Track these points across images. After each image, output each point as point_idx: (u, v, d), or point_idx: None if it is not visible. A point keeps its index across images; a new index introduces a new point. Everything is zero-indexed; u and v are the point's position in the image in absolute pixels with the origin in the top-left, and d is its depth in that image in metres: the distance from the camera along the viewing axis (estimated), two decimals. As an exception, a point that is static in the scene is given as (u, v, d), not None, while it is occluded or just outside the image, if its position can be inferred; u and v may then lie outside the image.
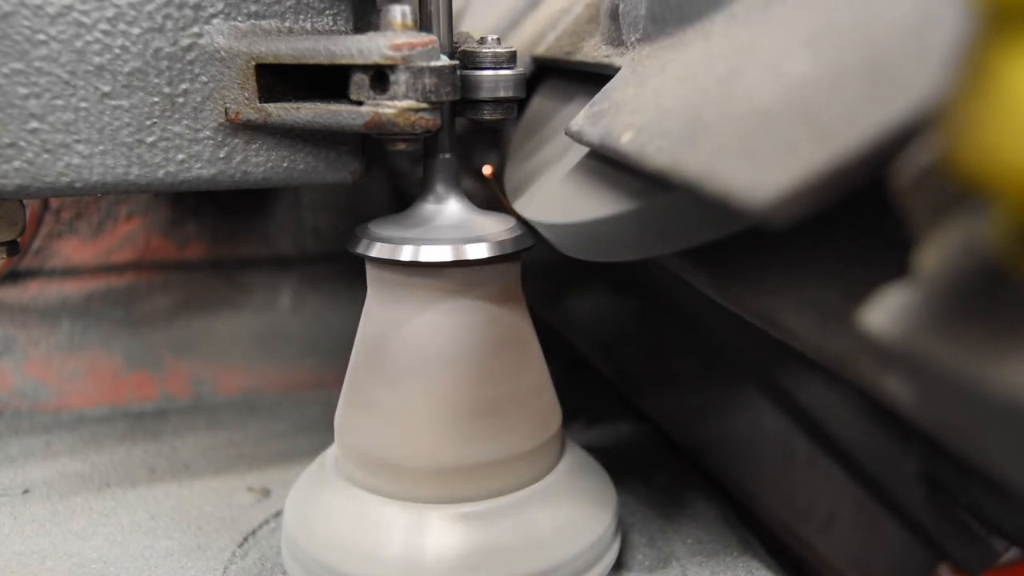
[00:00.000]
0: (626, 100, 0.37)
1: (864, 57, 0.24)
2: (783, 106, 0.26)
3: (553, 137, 0.49)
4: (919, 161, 0.20)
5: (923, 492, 0.50)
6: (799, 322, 0.31)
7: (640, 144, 0.32)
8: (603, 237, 0.37)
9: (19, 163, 0.38)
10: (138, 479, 0.58)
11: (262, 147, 0.42)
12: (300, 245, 0.75)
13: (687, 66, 0.34)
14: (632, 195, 0.35)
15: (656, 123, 0.32)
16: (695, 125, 0.29)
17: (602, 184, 0.38)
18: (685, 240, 0.34)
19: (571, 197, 0.40)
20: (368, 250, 0.41)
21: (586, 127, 0.38)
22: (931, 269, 0.20)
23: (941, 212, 0.21)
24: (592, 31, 0.49)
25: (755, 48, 0.30)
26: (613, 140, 0.34)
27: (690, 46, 0.36)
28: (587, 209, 0.37)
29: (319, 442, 0.59)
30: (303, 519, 0.44)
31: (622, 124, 0.35)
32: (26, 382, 0.68)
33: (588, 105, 0.40)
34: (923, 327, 0.20)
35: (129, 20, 0.38)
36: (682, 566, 0.47)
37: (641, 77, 0.37)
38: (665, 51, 0.38)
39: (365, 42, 0.36)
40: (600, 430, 0.65)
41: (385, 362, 0.42)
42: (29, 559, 0.48)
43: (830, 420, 0.52)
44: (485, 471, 0.42)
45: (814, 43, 0.27)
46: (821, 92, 0.25)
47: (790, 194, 0.22)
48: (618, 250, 0.38)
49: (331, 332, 0.75)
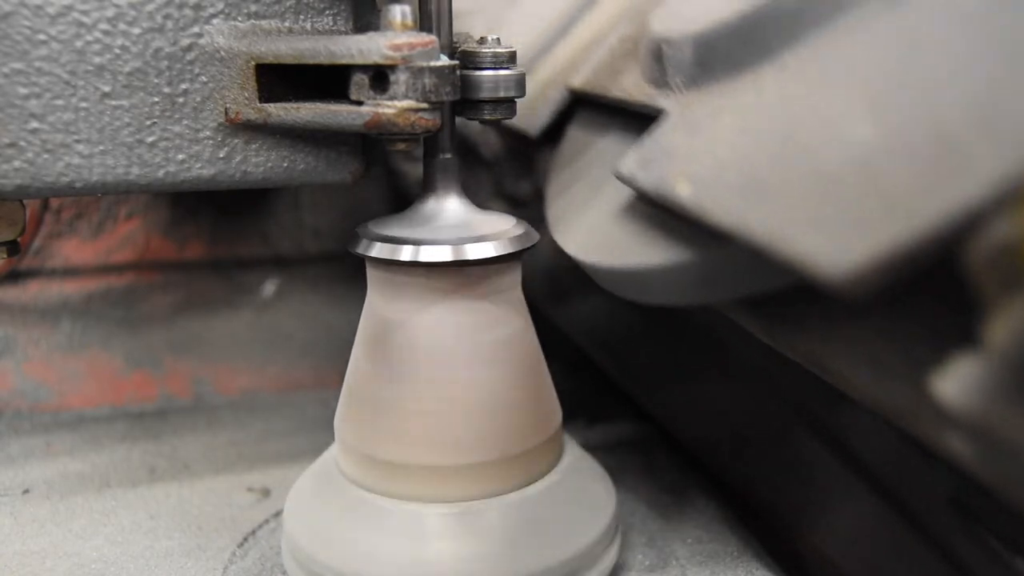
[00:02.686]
0: (678, 147, 0.37)
1: (932, 129, 0.24)
2: (849, 173, 0.26)
3: (591, 170, 0.50)
4: (992, 238, 0.21)
5: (951, 515, 0.50)
6: (852, 371, 0.32)
7: (699, 197, 0.32)
8: (656, 284, 0.38)
9: (19, 163, 0.38)
10: (138, 479, 0.58)
11: (262, 147, 0.42)
12: (300, 245, 0.75)
13: (741, 117, 0.34)
14: (687, 245, 0.35)
15: (714, 176, 0.32)
16: (757, 184, 0.30)
17: (654, 230, 0.38)
18: (739, 290, 0.35)
19: (621, 240, 0.40)
20: (368, 250, 0.41)
21: (637, 172, 0.38)
22: (1002, 342, 0.21)
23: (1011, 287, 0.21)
24: (630, 66, 0.49)
25: (812, 106, 0.30)
26: (668, 189, 0.34)
27: (741, 95, 0.36)
28: (639, 255, 0.38)
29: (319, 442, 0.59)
30: (303, 519, 0.44)
31: (676, 173, 0.35)
32: (26, 382, 0.68)
33: (636, 147, 0.40)
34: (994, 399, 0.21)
35: (129, 20, 0.38)
36: (682, 566, 0.47)
37: (691, 124, 0.37)
38: (714, 97, 0.38)
39: (365, 42, 0.36)
40: (600, 430, 0.65)
41: (385, 362, 0.42)
42: (29, 559, 0.48)
43: (859, 441, 0.52)
44: (485, 471, 0.42)
45: (876, 108, 0.27)
46: (888, 163, 0.25)
47: (868, 270, 0.23)
48: (669, 296, 0.38)
49: (331, 332, 0.75)
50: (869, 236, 0.24)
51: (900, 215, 0.23)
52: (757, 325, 0.38)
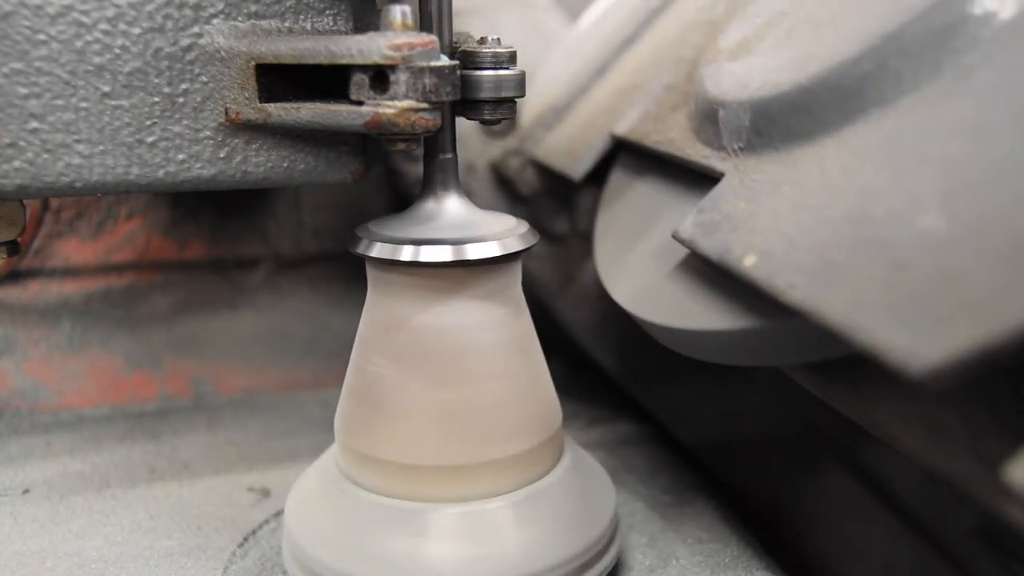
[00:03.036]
0: (739, 216, 0.37)
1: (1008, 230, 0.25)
2: (923, 263, 0.27)
3: (639, 218, 0.51)
4: None
5: (978, 545, 0.50)
6: (908, 434, 0.32)
7: (768, 273, 0.33)
8: (716, 346, 0.39)
9: (19, 163, 0.38)
10: (138, 479, 0.58)
11: (262, 147, 0.42)
12: (300, 245, 0.75)
13: (804, 193, 0.35)
14: (751, 312, 0.36)
15: (782, 252, 0.33)
16: (829, 266, 0.30)
17: (714, 293, 0.39)
18: (800, 357, 0.36)
19: (679, 299, 0.41)
20: (368, 250, 0.41)
21: (698, 237, 0.39)
22: None
23: None
24: (678, 120, 0.50)
25: (879, 190, 0.31)
26: (734, 260, 0.35)
27: (803, 169, 0.36)
28: (701, 318, 0.39)
29: (319, 442, 0.60)
30: (304, 519, 0.44)
31: (741, 244, 0.35)
32: (26, 382, 0.68)
33: (696, 211, 0.40)
34: None
35: (129, 20, 0.38)
36: (682, 566, 0.47)
37: (753, 192, 0.38)
38: (774, 167, 0.38)
39: (365, 42, 0.36)
40: (600, 430, 0.65)
41: (385, 362, 0.42)
42: (29, 559, 0.48)
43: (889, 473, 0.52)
44: (485, 471, 0.42)
45: (946, 197, 0.28)
46: (963, 258, 0.26)
47: (948, 368, 0.24)
48: (728, 358, 0.39)
49: (331, 332, 0.75)
50: (949, 333, 0.24)
51: (979, 315, 0.24)
52: (810, 382, 0.38)
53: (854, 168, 0.33)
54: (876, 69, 0.35)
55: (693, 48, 0.54)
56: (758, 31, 0.46)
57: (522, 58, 0.43)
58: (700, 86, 0.46)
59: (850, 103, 0.35)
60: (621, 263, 0.50)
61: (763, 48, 0.43)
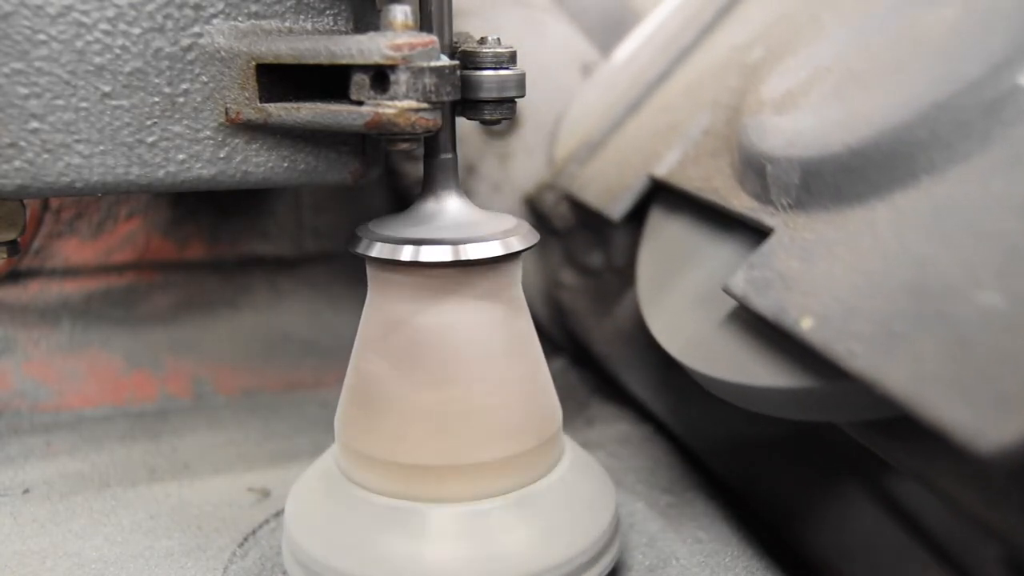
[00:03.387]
0: (793, 276, 0.38)
1: None
2: (985, 341, 0.27)
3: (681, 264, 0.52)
4: None
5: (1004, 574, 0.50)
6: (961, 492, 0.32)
7: (826, 338, 0.33)
8: (769, 402, 0.39)
9: (19, 163, 0.38)
10: (138, 479, 0.58)
11: (262, 147, 0.42)
12: (300, 245, 0.75)
13: (858, 257, 0.35)
14: (805, 371, 0.36)
15: (839, 317, 0.33)
16: (889, 336, 0.31)
17: (766, 348, 0.39)
18: (853, 416, 0.36)
19: (731, 352, 0.42)
20: (368, 250, 0.41)
21: (752, 295, 0.39)
22: None
23: None
24: (721, 168, 0.50)
25: (936, 261, 0.31)
26: (791, 322, 0.36)
27: (855, 231, 0.37)
28: (755, 374, 0.39)
29: (319, 442, 0.60)
30: (304, 519, 0.44)
31: (796, 305, 0.36)
32: (26, 382, 0.68)
33: (747, 266, 0.41)
34: None
35: (129, 20, 0.38)
36: (682, 566, 0.47)
37: (805, 252, 0.38)
38: (825, 226, 0.39)
39: (365, 42, 0.36)
40: (600, 430, 0.65)
41: (385, 362, 0.42)
42: (29, 559, 0.48)
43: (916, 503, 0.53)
44: (485, 471, 0.42)
45: (1004, 274, 0.28)
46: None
47: (1015, 447, 0.24)
48: (779, 412, 0.39)
49: (331, 332, 0.75)
50: (1015, 413, 0.25)
51: None
52: (861, 435, 0.39)
53: (907, 235, 0.34)
54: (927, 136, 0.35)
55: (729, 92, 0.55)
56: (802, 85, 0.46)
57: (522, 58, 0.43)
58: (745, 138, 0.47)
59: (900, 168, 0.36)
60: (665, 307, 0.51)
61: (809, 103, 0.44)
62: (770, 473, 0.60)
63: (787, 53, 0.51)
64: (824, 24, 0.50)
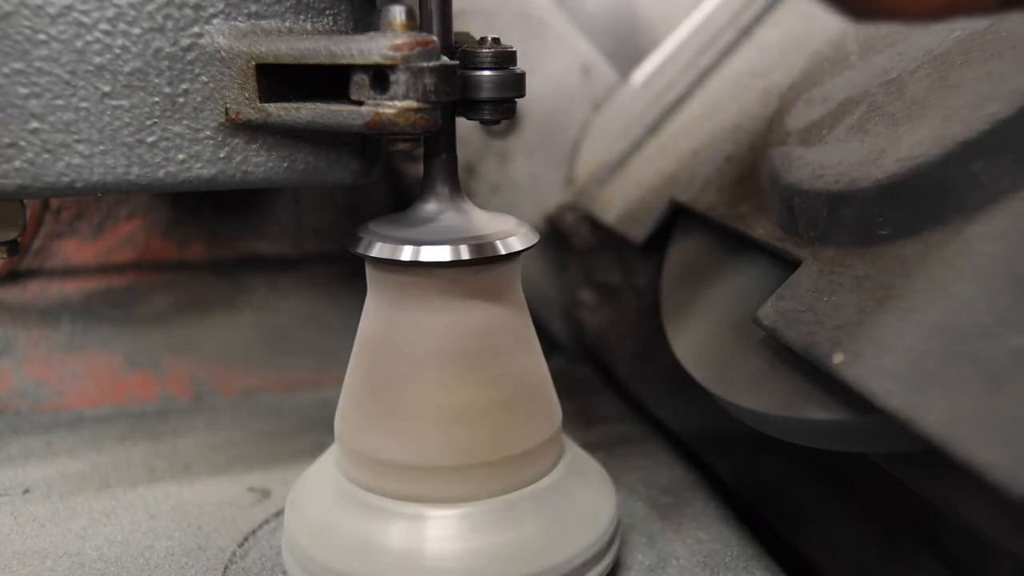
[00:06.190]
0: (823, 309, 0.38)
1: None
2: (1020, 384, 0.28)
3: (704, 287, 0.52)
4: None
5: None
6: (988, 521, 0.32)
7: (859, 375, 0.33)
8: (800, 433, 0.39)
9: (19, 163, 0.38)
10: (138, 479, 0.58)
11: (262, 147, 0.42)
12: (300, 245, 0.75)
13: (889, 293, 0.35)
14: (835, 405, 0.36)
15: (871, 354, 0.33)
16: (922, 375, 0.31)
17: (801, 383, 0.39)
18: (883, 447, 0.36)
19: (762, 383, 0.42)
20: (368, 250, 0.41)
21: (781, 327, 0.39)
22: None
23: None
24: (745, 195, 0.51)
25: (969, 302, 0.31)
26: (823, 357, 0.36)
27: (884, 268, 0.37)
28: (786, 405, 0.39)
29: (319, 442, 0.59)
30: (303, 519, 0.44)
31: (827, 339, 0.36)
32: (26, 382, 0.68)
33: (775, 297, 0.41)
34: None
35: (129, 20, 0.38)
36: (682, 566, 0.47)
37: (834, 286, 0.39)
38: (854, 260, 0.39)
39: (365, 42, 0.36)
40: (600, 430, 0.65)
41: (385, 362, 0.42)
42: (29, 559, 0.48)
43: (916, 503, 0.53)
44: (485, 471, 0.42)
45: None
46: None
47: None
48: (810, 442, 0.39)
49: (331, 332, 0.75)
50: None
51: None
52: (889, 464, 0.39)
53: (938, 274, 0.34)
54: (956, 175, 0.35)
55: (752, 119, 0.55)
56: (828, 117, 0.46)
57: (522, 59, 0.43)
58: (772, 169, 0.47)
59: (930, 206, 0.36)
60: (689, 331, 0.51)
61: (836, 137, 0.44)
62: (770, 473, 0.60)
63: (811, 83, 0.51)
64: (848, 54, 0.50)
